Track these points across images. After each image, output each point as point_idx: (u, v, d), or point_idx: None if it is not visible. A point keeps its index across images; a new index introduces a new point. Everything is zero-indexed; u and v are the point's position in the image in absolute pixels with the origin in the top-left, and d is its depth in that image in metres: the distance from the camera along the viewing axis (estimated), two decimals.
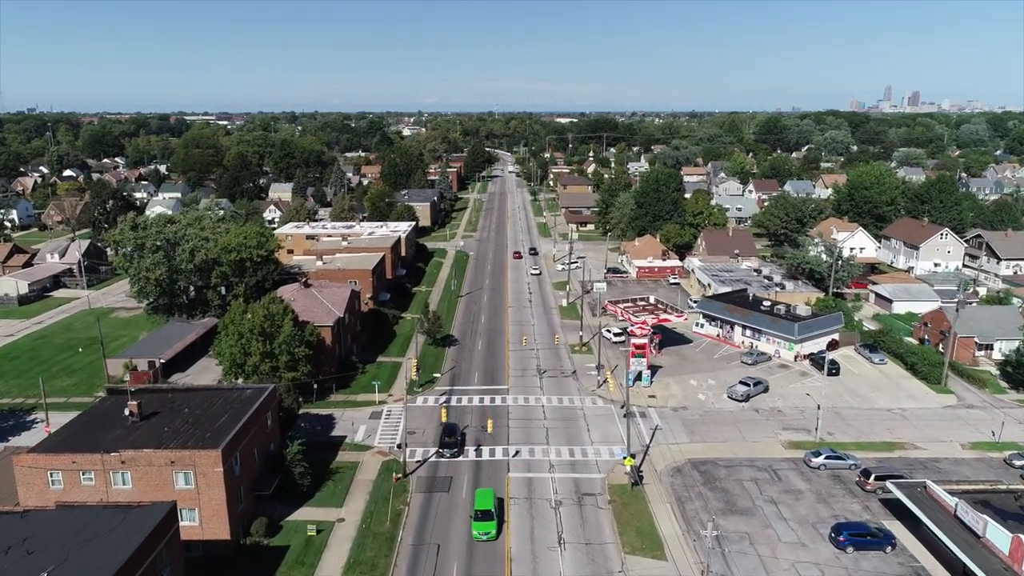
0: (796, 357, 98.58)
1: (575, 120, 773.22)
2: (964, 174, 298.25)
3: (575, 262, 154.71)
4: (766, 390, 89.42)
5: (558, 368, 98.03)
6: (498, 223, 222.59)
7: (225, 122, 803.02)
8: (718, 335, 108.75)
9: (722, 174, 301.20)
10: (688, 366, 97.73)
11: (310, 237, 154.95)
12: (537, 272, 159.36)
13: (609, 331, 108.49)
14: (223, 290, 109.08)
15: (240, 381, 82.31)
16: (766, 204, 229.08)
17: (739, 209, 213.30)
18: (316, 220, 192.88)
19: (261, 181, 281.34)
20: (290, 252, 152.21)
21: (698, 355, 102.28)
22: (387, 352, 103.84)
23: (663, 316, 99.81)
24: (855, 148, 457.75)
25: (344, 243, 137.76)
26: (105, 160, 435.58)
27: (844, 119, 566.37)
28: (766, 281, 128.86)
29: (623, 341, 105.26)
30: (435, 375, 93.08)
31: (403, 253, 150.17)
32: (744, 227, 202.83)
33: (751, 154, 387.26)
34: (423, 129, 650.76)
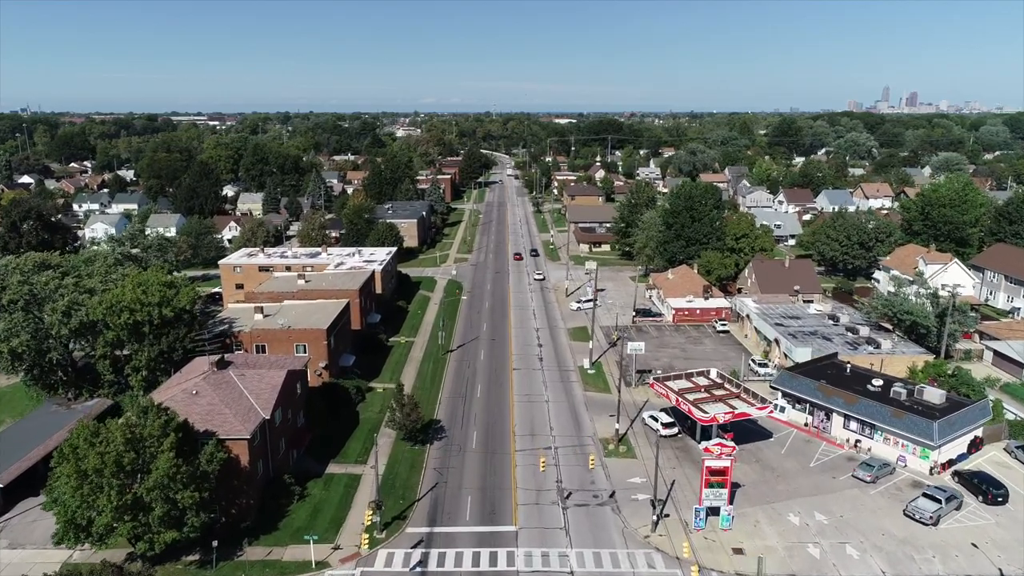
0: (933, 469, 68.13)
1: (574, 121, 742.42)
2: (1015, 183, 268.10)
3: (594, 299, 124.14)
4: (959, 507, 61.71)
5: (587, 485, 67.49)
6: (497, 243, 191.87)
7: (215, 123, 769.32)
8: (807, 424, 78.31)
9: (745, 182, 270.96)
10: (778, 485, 67.08)
11: (264, 268, 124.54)
12: (541, 277, 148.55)
13: (655, 418, 78.01)
14: (129, 354, 78.32)
15: (84, 548, 51.69)
16: (806, 219, 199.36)
17: (778, 226, 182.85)
18: (276, 245, 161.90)
19: (229, 192, 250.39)
20: (239, 287, 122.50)
21: (786, 461, 71.69)
22: (343, 455, 73.14)
23: (741, 410, 69.41)
24: (876, 151, 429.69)
25: (301, 282, 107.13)
26: (73, 164, 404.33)
27: (859, 120, 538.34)
28: (849, 335, 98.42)
29: (676, 434, 75.30)
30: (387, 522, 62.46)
31: (379, 290, 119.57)
32: (783, 248, 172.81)
33: (768, 157, 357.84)
34: (418, 130, 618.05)
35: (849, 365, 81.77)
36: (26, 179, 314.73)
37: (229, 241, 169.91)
